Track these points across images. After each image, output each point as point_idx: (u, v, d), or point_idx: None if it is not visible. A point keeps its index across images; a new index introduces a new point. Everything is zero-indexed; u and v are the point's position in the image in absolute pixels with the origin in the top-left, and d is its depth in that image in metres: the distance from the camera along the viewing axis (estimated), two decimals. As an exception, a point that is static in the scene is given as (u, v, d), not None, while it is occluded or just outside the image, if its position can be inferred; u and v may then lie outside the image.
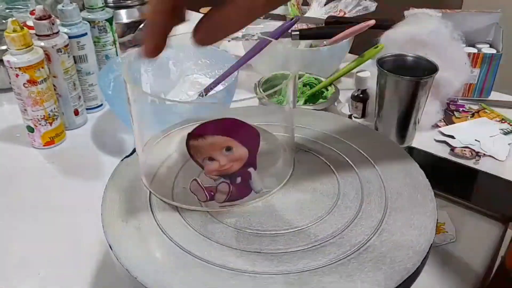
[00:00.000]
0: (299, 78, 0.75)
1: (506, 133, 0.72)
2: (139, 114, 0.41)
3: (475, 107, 0.79)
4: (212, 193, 0.40)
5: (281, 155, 0.46)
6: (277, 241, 0.38)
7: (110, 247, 0.38)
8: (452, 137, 0.71)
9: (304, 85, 0.76)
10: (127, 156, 0.49)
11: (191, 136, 0.38)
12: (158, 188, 0.43)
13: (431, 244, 0.38)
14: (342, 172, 0.46)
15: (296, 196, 0.43)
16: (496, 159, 0.66)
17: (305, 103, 0.74)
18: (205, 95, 0.66)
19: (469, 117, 0.76)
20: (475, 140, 0.70)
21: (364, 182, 0.45)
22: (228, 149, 0.38)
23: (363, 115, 0.76)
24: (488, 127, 0.73)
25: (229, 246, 0.38)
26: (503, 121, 0.75)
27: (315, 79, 0.76)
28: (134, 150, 0.49)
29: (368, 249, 0.37)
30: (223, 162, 0.38)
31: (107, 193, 0.44)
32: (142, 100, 0.41)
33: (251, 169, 0.40)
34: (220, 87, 0.66)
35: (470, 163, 0.65)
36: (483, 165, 0.65)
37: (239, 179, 0.40)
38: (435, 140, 0.71)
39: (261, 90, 0.69)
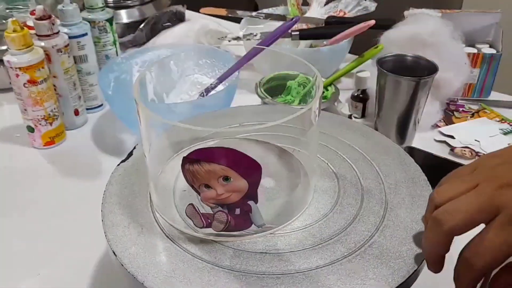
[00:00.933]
0: (294, 78, 0.74)
1: (505, 133, 0.72)
2: (152, 137, 0.40)
3: (475, 107, 0.79)
4: (209, 221, 0.38)
5: (301, 182, 0.43)
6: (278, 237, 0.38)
7: (114, 252, 0.38)
8: (452, 137, 0.71)
9: (299, 85, 0.76)
10: (123, 161, 0.48)
11: (186, 160, 0.36)
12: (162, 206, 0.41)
13: (431, 244, 0.38)
14: (342, 172, 0.46)
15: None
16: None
17: (299, 103, 0.74)
18: (206, 95, 0.66)
19: (469, 117, 0.77)
20: (475, 140, 0.70)
21: (364, 182, 0.45)
22: (226, 179, 0.36)
23: (363, 115, 0.76)
24: (488, 127, 0.73)
25: (235, 248, 0.38)
26: (503, 121, 0.75)
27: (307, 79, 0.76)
28: (130, 154, 0.48)
29: (369, 250, 0.37)
30: (220, 191, 0.37)
31: (106, 196, 0.44)
32: (155, 123, 0.39)
33: (251, 202, 0.38)
34: (221, 87, 0.66)
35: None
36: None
37: (237, 211, 0.38)
38: (435, 140, 0.71)
39: (262, 90, 0.69)
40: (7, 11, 0.87)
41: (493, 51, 0.78)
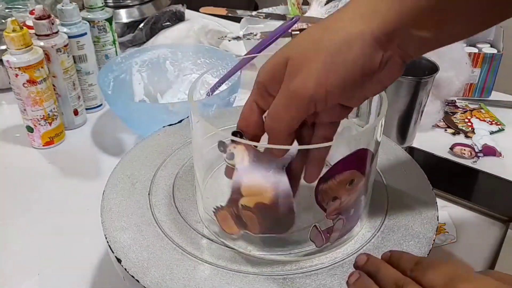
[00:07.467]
0: None
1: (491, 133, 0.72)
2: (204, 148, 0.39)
3: (472, 106, 0.79)
4: (328, 235, 0.35)
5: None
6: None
7: (113, 252, 0.38)
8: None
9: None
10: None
11: (321, 180, 0.33)
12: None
13: (432, 245, 0.38)
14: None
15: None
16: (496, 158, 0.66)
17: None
18: (211, 94, 0.65)
19: (459, 113, 0.76)
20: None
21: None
22: (351, 182, 0.33)
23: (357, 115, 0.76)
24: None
25: (233, 248, 0.38)
26: (492, 122, 0.74)
27: None
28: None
29: (369, 249, 0.37)
30: (344, 198, 0.33)
31: (106, 195, 0.44)
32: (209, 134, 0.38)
33: (363, 197, 0.35)
34: (223, 86, 0.66)
35: (468, 163, 0.65)
36: (483, 165, 0.65)
37: (352, 211, 0.35)
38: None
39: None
40: (7, 10, 0.87)
41: (494, 50, 0.78)
